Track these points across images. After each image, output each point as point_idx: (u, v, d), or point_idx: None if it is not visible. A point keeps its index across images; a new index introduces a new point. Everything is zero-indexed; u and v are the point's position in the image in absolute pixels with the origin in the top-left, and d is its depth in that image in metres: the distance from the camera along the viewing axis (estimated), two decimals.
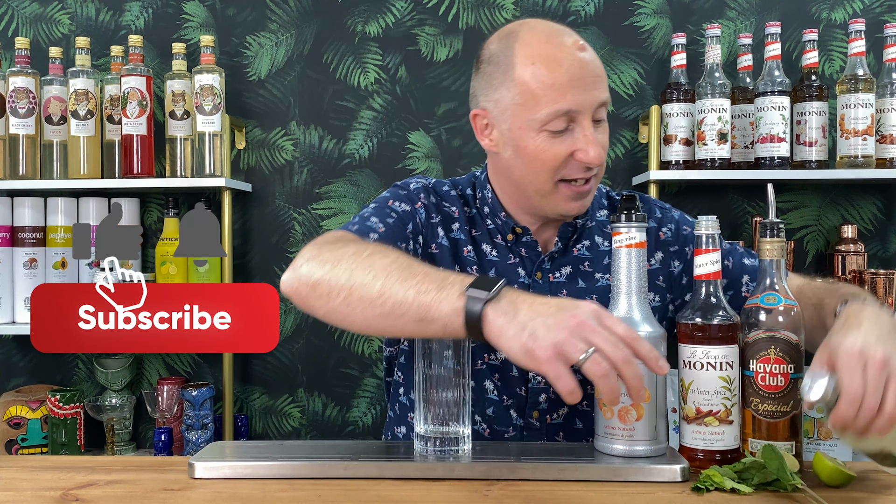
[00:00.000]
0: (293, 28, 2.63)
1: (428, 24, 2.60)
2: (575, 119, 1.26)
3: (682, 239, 1.44)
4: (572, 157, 1.27)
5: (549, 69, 1.25)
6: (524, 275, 1.37)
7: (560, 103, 1.24)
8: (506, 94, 1.29)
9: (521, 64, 1.27)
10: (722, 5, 2.56)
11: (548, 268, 1.38)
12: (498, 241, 1.39)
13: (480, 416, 1.37)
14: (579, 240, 1.40)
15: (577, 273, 1.38)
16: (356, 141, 2.62)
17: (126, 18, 2.66)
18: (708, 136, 2.31)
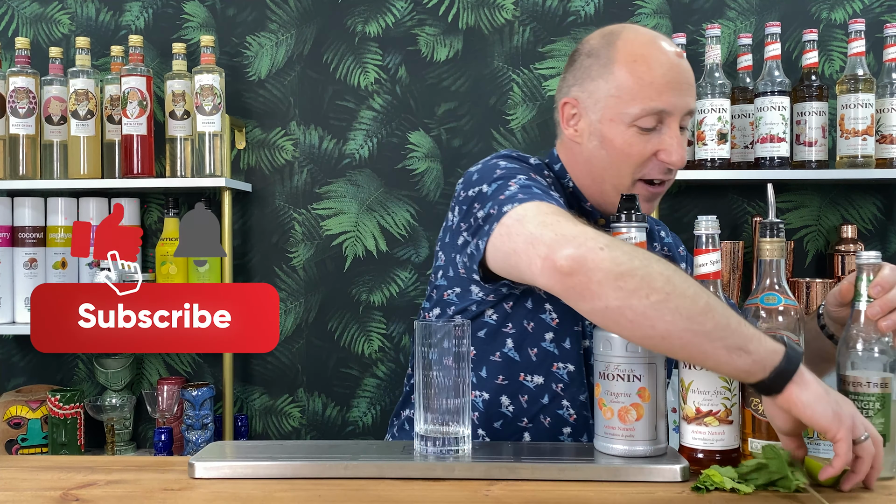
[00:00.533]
0: (293, 28, 2.63)
1: (428, 24, 2.60)
2: (664, 120, 1.30)
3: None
4: (655, 157, 1.31)
5: (650, 68, 1.30)
6: None
7: (654, 102, 1.29)
8: (602, 86, 1.33)
9: (623, 59, 1.31)
10: (722, 5, 2.56)
11: None
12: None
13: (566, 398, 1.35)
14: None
15: None
16: (356, 141, 2.62)
17: (126, 18, 2.66)
18: (708, 136, 2.31)
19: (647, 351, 1.13)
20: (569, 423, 1.36)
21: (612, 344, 1.15)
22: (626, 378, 1.14)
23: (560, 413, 1.35)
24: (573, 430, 1.37)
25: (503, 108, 2.59)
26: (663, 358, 1.16)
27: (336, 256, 2.61)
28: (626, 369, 1.14)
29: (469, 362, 1.19)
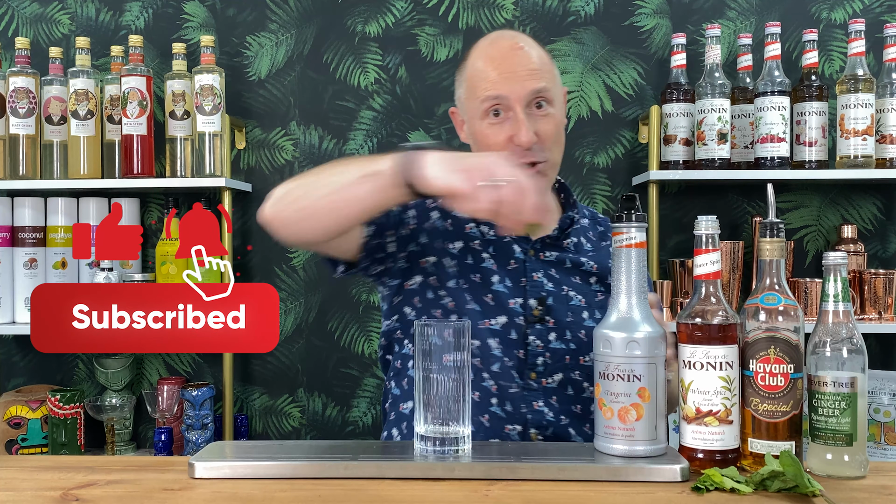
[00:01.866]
0: (293, 28, 2.63)
1: (428, 24, 2.60)
2: (510, 107, 1.41)
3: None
4: (511, 142, 1.41)
5: (484, 62, 1.44)
6: (519, 251, 1.48)
7: (490, 91, 1.41)
8: (461, 90, 1.51)
9: (469, 63, 1.48)
10: (722, 5, 2.56)
11: (538, 248, 1.49)
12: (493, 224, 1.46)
13: (488, 374, 1.42)
14: (569, 236, 1.52)
15: (565, 257, 1.50)
16: (356, 141, 2.62)
17: (126, 18, 2.66)
18: (708, 136, 2.31)
19: (647, 351, 1.14)
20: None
21: (613, 344, 1.15)
22: (626, 378, 1.14)
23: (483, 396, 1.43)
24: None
25: None
26: (663, 357, 1.16)
27: None
28: (626, 369, 1.14)
29: (469, 362, 1.19)
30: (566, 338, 1.44)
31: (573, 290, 1.47)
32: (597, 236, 1.57)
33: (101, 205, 2.51)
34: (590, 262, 1.50)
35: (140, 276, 2.41)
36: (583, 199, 2.56)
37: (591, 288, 1.49)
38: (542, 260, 1.48)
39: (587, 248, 1.53)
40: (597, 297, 1.48)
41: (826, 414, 1.13)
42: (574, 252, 1.51)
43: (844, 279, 1.16)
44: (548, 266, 1.48)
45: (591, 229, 1.58)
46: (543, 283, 1.45)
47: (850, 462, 1.12)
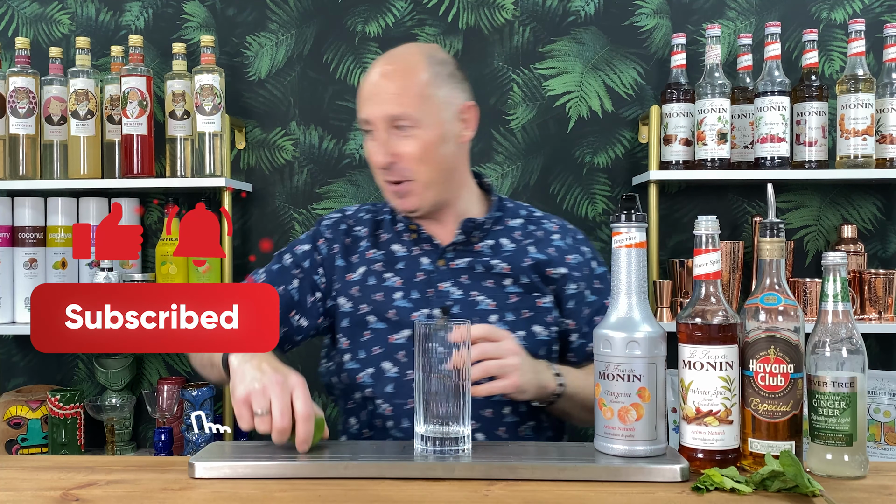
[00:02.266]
0: (293, 28, 2.63)
1: (428, 24, 2.60)
2: (375, 127, 1.50)
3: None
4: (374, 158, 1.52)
5: (362, 85, 1.54)
6: (427, 263, 1.56)
7: (360, 113, 1.53)
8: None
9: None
10: (722, 5, 2.56)
11: (450, 257, 1.57)
12: (405, 239, 1.60)
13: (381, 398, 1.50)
14: (483, 238, 1.59)
15: (477, 263, 1.56)
16: (356, 141, 2.62)
17: (126, 18, 2.66)
18: (708, 136, 2.31)
19: (647, 351, 1.14)
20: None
21: (613, 344, 1.15)
22: (626, 378, 1.14)
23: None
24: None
25: (503, 108, 2.59)
26: (663, 357, 1.16)
27: None
28: (626, 369, 1.14)
29: (469, 362, 1.19)
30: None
31: (483, 294, 1.52)
32: (525, 236, 1.61)
33: (101, 205, 2.51)
34: (502, 264, 1.55)
35: (140, 276, 2.41)
36: (583, 199, 2.57)
37: (505, 290, 1.53)
38: (453, 269, 1.55)
39: (506, 249, 1.58)
40: (509, 299, 1.53)
41: (826, 414, 1.13)
42: (489, 255, 1.57)
43: (844, 279, 1.16)
44: (458, 274, 1.55)
45: (521, 229, 1.62)
46: (450, 292, 1.52)
47: (850, 462, 1.12)
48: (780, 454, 1.06)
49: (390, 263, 1.57)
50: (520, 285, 1.54)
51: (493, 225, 1.61)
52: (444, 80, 1.53)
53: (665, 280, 2.38)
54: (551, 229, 1.63)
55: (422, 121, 1.49)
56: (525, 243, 1.59)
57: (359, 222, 1.66)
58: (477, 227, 1.58)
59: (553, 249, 1.59)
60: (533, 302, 1.53)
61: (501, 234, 1.60)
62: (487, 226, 1.59)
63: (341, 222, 1.66)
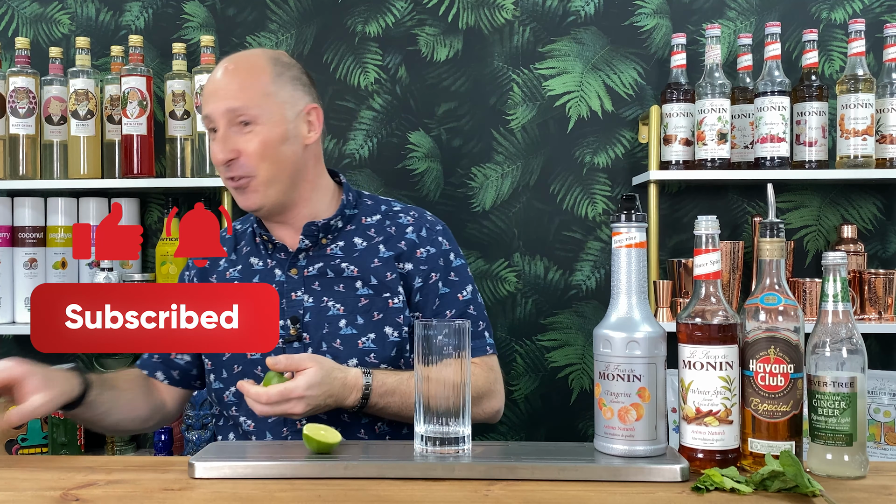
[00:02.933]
0: (293, 28, 2.63)
1: (428, 24, 2.60)
2: (214, 123, 1.50)
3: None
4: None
5: (206, 85, 1.54)
6: (280, 274, 1.56)
7: (202, 111, 1.53)
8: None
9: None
10: (722, 5, 2.56)
11: (303, 264, 1.55)
12: (262, 252, 1.60)
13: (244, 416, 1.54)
14: (336, 241, 1.57)
15: (328, 268, 1.55)
16: (356, 141, 2.62)
17: (126, 18, 2.66)
18: (708, 136, 2.31)
19: (647, 351, 1.14)
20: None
21: (612, 344, 1.15)
22: (626, 378, 1.14)
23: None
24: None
25: (503, 108, 2.59)
26: (663, 357, 1.16)
27: None
28: (626, 369, 1.14)
29: (469, 362, 1.19)
30: (322, 350, 1.49)
31: (333, 299, 1.52)
32: (378, 233, 1.59)
33: (101, 205, 2.51)
34: (351, 267, 1.54)
35: (140, 276, 2.41)
36: (583, 199, 2.57)
37: (356, 293, 1.52)
38: (306, 276, 1.54)
39: (358, 249, 1.56)
40: (360, 303, 1.52)
41: (826, 414, 1.13)
42: (341, 257, 1.55)
43: (844, 279, 1.16)
44: (311, 281, 1.54)
45: (377, 226, 1.60)
46: (302, 301, 1.52)
47: (850, 462, 1.12)
48: (780, 454, 1.06)
49: (247, 278, 1.58)
50: (370, 287, 1.53)
51: (347, 224, 1.59)
52: (286, 81, 1.53)
53: (665, 280, 2.38)
54: (405, 223, 1.60)
55: (261, 117, 1.48)
56: (377, 241, 1.57)
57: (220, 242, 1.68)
58: (321, 230, 1.56)
59: (404, 243, 1.57)
60: (385, 303, 1.52)
61: (355, 233, 1.58)
62: (336, 226, 1.58)
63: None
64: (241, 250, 1.63)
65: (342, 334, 1.50)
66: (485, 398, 1.52)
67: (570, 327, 2.56)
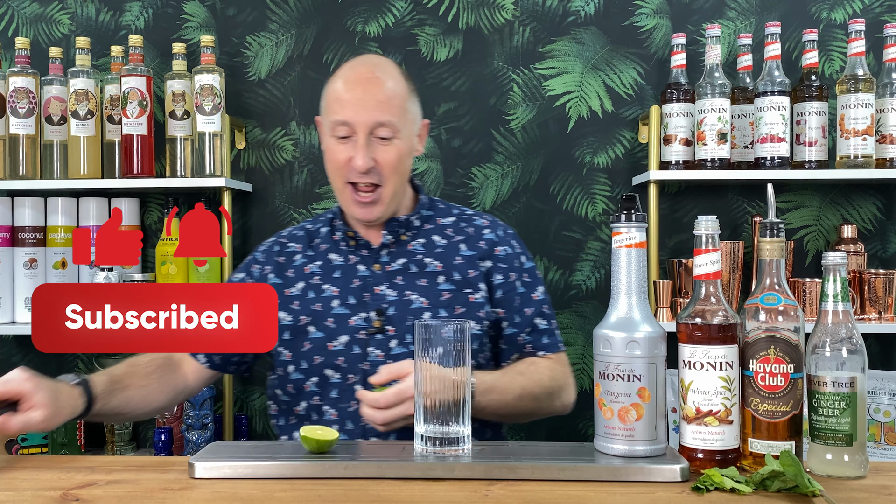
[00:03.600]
0: (293, 28, 2.63)
1: (428, 24, 2.60)
2: (355, 131, 1.53)
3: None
4: (350, 162, 1.54)
5: (341, 85, 1.56)
6: (364, 269, 1.61)
7: (339, 114, 1.55)
8: (322, 103, 1.63)
9: (331, 81, 1.61)
10: (722, 5, 2.56)
11: (385, 260, 1.61)
12: (342, 248, 1.65)
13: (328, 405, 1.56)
14: (416, 237, 1.64)
15: (411, 263, 1.61)
16: None
17: (126, 18, 2.66)
18: (708, 136, 2.31)
19: (647, 351, 1.14)
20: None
21: (612, 344, 1.15)
22: (626, 378, 1.14)
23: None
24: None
25: (503, 108, 2.59)
26: (663, 357, 1.16)
27: None
28: (626, 369, 1.14)
29: (469, 362, 1.19)
30: (406, 341, 1.53)
31: (416, 293, 1.57)
32: (457, 232, 1.66)
33: (101, 205, 2.51)
34: (435, 262, 1.60)
35: (140, 276, 2.41)
36: (583, 199, 2.57)
37: (438, 288, 1.58)
38: (389, 271, 1.60)
39: (438, 246, 1.63)
40: (442, 297, 1.57)
41: (826, 414, 1.13)
42: (423, 253, 1.62)
43: (844, 279, 1.16)
44: (393, 276, 1.59)
45: (453, 227, 1.67)
46: (386, 295, 1.57)
47: (850, 462, 1.12)
48: (780, 454, 1.06)
49: (327, 273, 1.62)
50: (452, 282, 1.58)
51: (424, 223, 1.66)
52: (414, 96, 1.61)
53: (665, 280, 2.38)
54: (482, 225, 1.68)
55: (401, 131, 1.55)
56: (457, 240, 1.64)
57: (292, 239, 1.73)
58: (402, 226, 1.63)
59: (483, 243, 1.64)
60: (466, 298, 1.57)
61: (434, 231, 1.65)
62: (415, 224, 1.65)
63: (274, 245, 1.74)
64: (317, 247, 1.67)
65: None
66: (563, 391, 1.60)
67: (570, 327, 2.56)
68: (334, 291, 1.59)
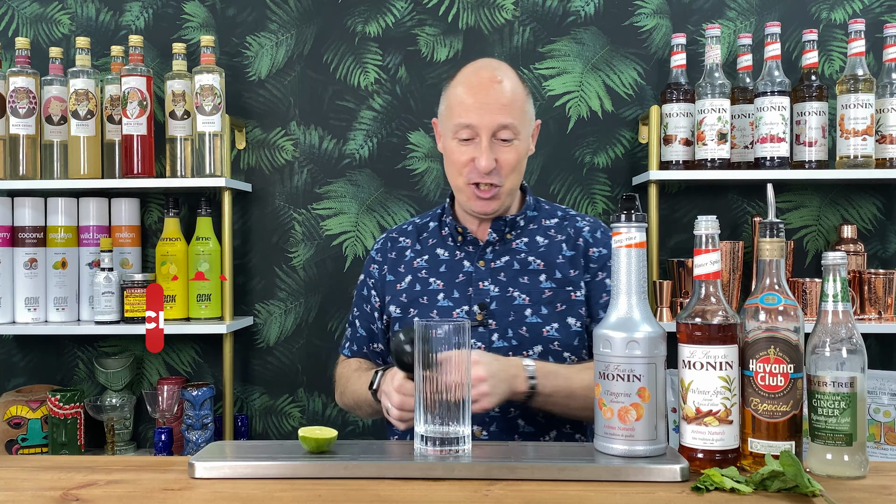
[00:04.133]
0: (293, 28, 2.63)
1: (428, 24, 2.60)
2: (478, 133, 1.59)
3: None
4: (472, 163, 1.60)
5: (464, 90, 1.62)
6: (468, 265, 1.69)
7: (464, 118, 1.60)
8: (442, 107, 1.69)
9: (452, 85, 1.66)
10: (722, 5, 2.56)
11: (489, 258, 1.69)
12: (449, 244, 1.73)
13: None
14: (520, 236, 1.71)
15: (513, 260, 1.68)
16: (356, 141, 2.62)
17: (126, 18, 2.66)
18: (708, 136, 2.31)
19: (647, 351, 1.14)
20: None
21: (612, 344, 1.15)
22: (626, 378, 1.14)
23: None
24: None
25: None
26: (663, 357, 1.16)
27: (336, 256, 2.61)
28: (626, 369, 1.14)
29: (469, 362, 1.19)
30: (508, 336, 1.61)
31: (518, 289, 1.64)
32: (559, 233, 1.72)
33: (101, 205, 2.51)
34: (538, 261, 1.67)
35: (140, 275, 2.41)
36: (583, 199, 2.57)
37: (540, 285, 1.65)
38: (493, 268, 1.67)
39: (541, 246, 1.70)
40: (544, 294, 1.64)
41: (826, 414, 1.13)
42: (525, 251, 1.69)
43: (844, 279, 1.16)
44: (496, 272, 1.67)
45: (556, 227, 1.73)
46: (489, 290, 1.65)
47: (850, 462, 1.12)
48: (780, 454, 1.06)
49: (434, 268, 1.71)
50: (553, 280, 1.65)
51: (529, 224, 1.73)
52: (530, 98, 1.70)
53: (665, 280, 2.38)
54: (582, 226, 1.73)
55: (521, 132, 1.63)
56: (559, 240, 1.70)
57: (402, 233, 1.82)
58: (507, 225, 1.69)
59: (581, 241, 1.70)
60: (567, 295, 1.64)
61: (537, 232, 1.72)
62: (520, 224, 1.71)
63: (387, 241, 1.83)
64: (425, 241, 1.77)
65: (528, 322, 1.61)
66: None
67: None
68: (439, 285, 1.68)
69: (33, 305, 2.42)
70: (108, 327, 2.38)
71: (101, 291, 2.36)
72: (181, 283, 2.46)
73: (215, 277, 2.47)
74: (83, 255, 2.49)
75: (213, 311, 2.47)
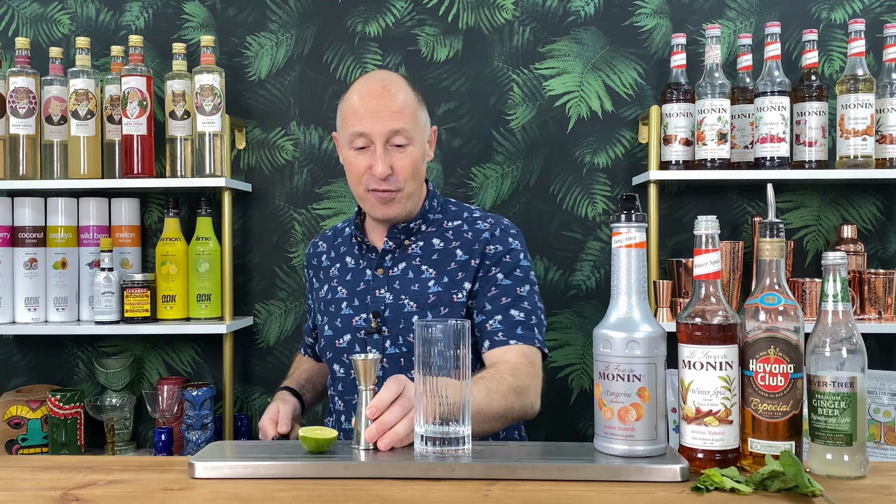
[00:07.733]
0: (293, 28, 2.63)
1: (428, 24, 2.60)
2: (372, 141, 1.63)
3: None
4: (370, 170, 1.64)
5: (356, 99, 1.65)
6: (369, 273, 1.74)
7: (357, 126, 1.63)
8: (339, 119, 1.72)
9: (345, 97, 1.70)
10: (722, 5, 2.56)
11: (388, 265, 1.73)
12: (355, 252, 1.79)
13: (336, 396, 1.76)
14: (415, 241, 1.74)
15: (409, 268, 1.71)
16: None
17: (126, 18, 2.66)
18: (708, 136, 2.31)
19: (647, 351, 1.14)
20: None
21: (612, 344, 1.15)
22: (625, 378, 1.14)
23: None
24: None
25: (503, 108, 2.59)
26: (663, 357, 1.16)
27: None
28: (626, 369, 1.14)
29: (469, 362, 1.19)
30: (399, 342, 1.66)
31: (409, 297, 1.67)
32: (456, 237, 1.73)
33: (101, 205, 2.51)
34: (429, 269, 1.70)
35: (140, 275, 2.41)
36: (583, 199, 2.57)
37: (428, 291, 1.67)
38: (390, 276, 1.71)
39: (436, 249, 1.72)
40: (429, 299, 1.67)
41: (826, 414, 1.13)
42: (420, 256, 1.72)
43: (844, 279, 1.16)
44: (392, 281, 1.70)
45: (455, 230, 1.74)
46: (384, 298, 1.69)
47: (850, 462, 1.12)
48: (780, 454, 1.06)
49: (343, 276, 1.78)
50: (440, 284, 1.68)
51: (429, 227, 1.76)
52: (423, 105, 1.72)
53: (665, 280, 2.38)
54: (482, 228, 1.74)
55: (415, 138, 1.66)
56: (454, 245, 1.72)
57: (324, 239, 1.90)
58: (402, 232, 1.73)
59: (478, 245, 1.71)
60: (451, 298, 1.67)
61: (435, 235, 1.74)
62: (421, 228, 1.75)
63: (314, 247, 1.91)
64: (338, 248, 1.84)
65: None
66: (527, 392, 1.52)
67: (569, 327, 2.56)
68: (344, 293, 1.75)
69: (33, 305, 2.42)
70: (108, 327, 2.38)
71: (101, 291, 2.36)
72: (181, 283, 2.46)
73: (215, 276, 2.47)
74: (83, 255, 2.49)
75: (213, 311, 2.47)
